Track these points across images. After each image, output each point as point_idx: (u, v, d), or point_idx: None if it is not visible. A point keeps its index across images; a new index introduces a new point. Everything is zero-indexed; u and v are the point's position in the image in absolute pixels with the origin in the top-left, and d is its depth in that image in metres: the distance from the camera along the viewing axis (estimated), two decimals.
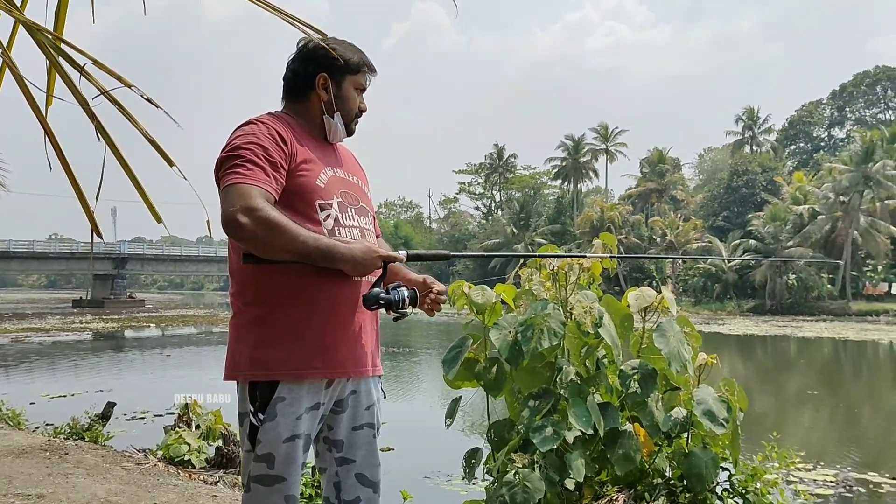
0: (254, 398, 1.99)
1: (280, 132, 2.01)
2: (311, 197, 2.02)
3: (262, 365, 1.98)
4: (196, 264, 72.57)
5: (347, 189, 2.16)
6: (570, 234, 57.98)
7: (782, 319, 40.77)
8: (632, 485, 3.31)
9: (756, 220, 49.78)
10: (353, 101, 2.17)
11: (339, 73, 2.14)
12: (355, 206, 2.16)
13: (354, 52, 2.17)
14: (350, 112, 2.18)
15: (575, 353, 3.37)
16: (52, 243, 67.43)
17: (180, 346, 27.15)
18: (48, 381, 15.50)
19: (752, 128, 65.73)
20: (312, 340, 2.00)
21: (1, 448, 5.21)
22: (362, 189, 2.25)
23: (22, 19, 1.26)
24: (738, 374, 17.60)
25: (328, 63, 2.12)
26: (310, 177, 2.04)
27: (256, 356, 1.99)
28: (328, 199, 2.06)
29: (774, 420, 11.44)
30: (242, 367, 2.01)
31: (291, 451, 1.98)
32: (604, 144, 66.53)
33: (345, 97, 2.16)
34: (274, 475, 1.97)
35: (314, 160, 2.07)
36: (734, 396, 3.25)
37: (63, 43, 1.22)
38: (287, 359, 1.98)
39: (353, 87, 2.16)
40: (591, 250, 3.61)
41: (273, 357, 1.98)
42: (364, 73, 2.18)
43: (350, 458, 2.15)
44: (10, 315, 43.20)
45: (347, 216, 2.10)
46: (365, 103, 2.22)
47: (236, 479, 5.26)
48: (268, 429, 1.97)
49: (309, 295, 1.99)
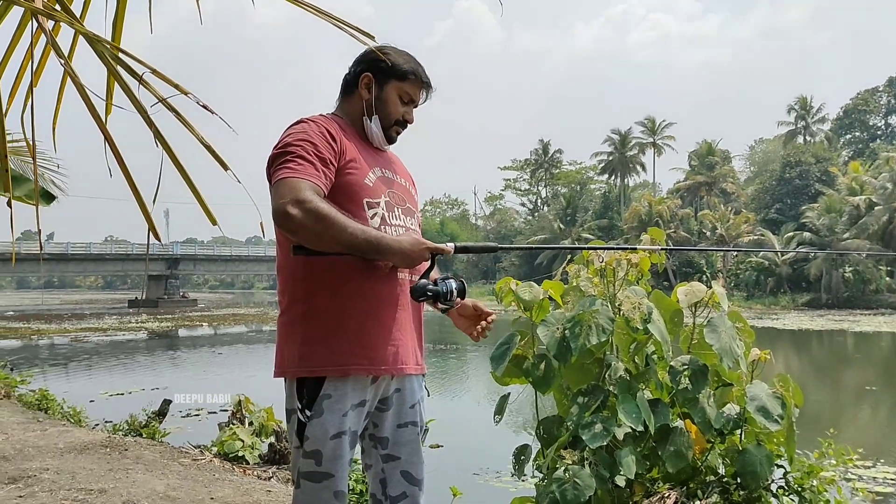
0: (301, 395, 2.02)
1: (330, 130, 2.04)
2: (359, 195, 2.05)
3: (308, 361, 2.02)
4: (246, 264, 73.75)
5: (395, 190, 2.18)
6: (618, 228, 57.33)
7: (839, 314, 39.72)
8: (684, 482, 3.28)
9: (810, 211, 48.53)
10: (393, 107, 2.17)
11: (383, 76, 2.15)
12: (402, 207, 2.18)
13: (407, 61, 2.17)
14: (389, 117, 2.17)
15: (624, 350, 3.35)
16: (107, 245, 69.29)
17: (232, 345, 27.65)
18: (106, 380, 15.94)
19: (806, 118, 64.08)
20: (356, 337, 2.03)
21: (64, 444, 5.39)
22: (409, 191, 2.27)
23: (82, 31, 1.31)
24: (793, 369, 17.21)
25: (375, 64, 2.14)
26: (358, 175, 2.06)
27: (303, 352, 2.02)
28: (376, 197, 2.09)
29: (831, 417, 11.17)
30: (290, 364, 2.05)
31: (338, 448, 2.01)
32: (651, 138, 65.59)
33: (385, 100, 2.16)
34: (322, 472, 2.00)
35: (362, 160, 2.10)
36: (789, 392, 3.19)
37: (121, 52, 1.26)
38: (332, 354, 2.01)
39: (398, 94, 2.16)
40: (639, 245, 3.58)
41: (319, 353, 2.01)
42: (412, 82, 2.17)
43: (395, 456, 2.18)
44: (70, 315, 44.51)
45: (394, 216, 2.12)
46: (412, 115, 2.22)
47: (289, 475, 5.35)
48: (315, 426, 2.00)
49: (352, 291, 2.02)
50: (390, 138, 2.21)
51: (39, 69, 1.61)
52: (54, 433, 5.89)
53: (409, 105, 2.20)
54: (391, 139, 2.22)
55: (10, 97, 1.74)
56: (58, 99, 1.68)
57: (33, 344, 25.85)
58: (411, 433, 2.20)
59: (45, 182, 6.84)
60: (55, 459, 4.87)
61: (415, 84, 2.18)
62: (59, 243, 60.39)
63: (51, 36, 1.30)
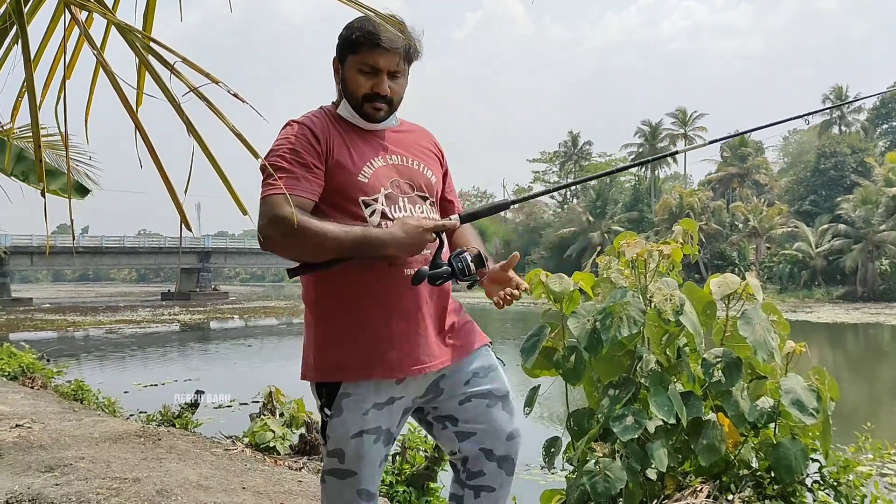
0: (321, 394, 1.99)
1: (314, 130, 1.93)
2: (353, 194, 1.94)
3: (322, 367, 1.98)
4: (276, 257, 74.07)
5: (400, 177, 2.02)
6: (648, 221, 56.83)
7: (875, 307, 39.02)
8: (717, 476, 3.24)
9: (846, 203, 47.63)
10: (353, 85, 1.95)
11: (342, 54, 1.98)
12: (408, 196, 2.01)
13: (358, 28, 1.93)
14: (353, 96, 1.97)
15: (655, 342, 3.31)
16: (141, 238, 70.52)
17: (263, 337, 27.92)
18: (140, 371, 16.21)
19: (841, 108, 62.93)
20: (364, 342, 1.94)
21: (99, 434, 5.48)
22: (422, 173, 2.09)
23: (114, 21, 1.32)
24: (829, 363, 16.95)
25: (338, 45, 1.99)
26: (351, 173, 1.94)
27: (317, 358, 1.99)
28: (373, 193, 1.95)
29: (868, 410, 10.98)
30: (308, 369, 2.02)
31: (360, 447, 1.94)
32: (682, 129, 64.91)
33: (345, 80, 1.98)
34: (345, 469, 1.96)
35: (356, 154, 1.97)
36: (824, 386, 3.13)
37: (153, 42, 1.27)
38: (343, 361, 1.95)
39: (357, 68, 1.94)
40: (670, 237, 3.54)
41: (331, 358, 1.97)
42: (366, 48, 1.91)
43: (468, 433, 2.06)
44: (104, 308, 45.30)
45: (397, 207, 1.98)
46: (384, 85, 1.95)
47: (319, 465, 5.38)
48: (335, 425, 1.96)
49: (355, 294, 1.94)
50: (369, 116, 1.98)
51: (73, 61, 1.62)
52: (89, 423, 5.99)
53: (375, 76, 1.94)
54: (371, 117, 1.99)
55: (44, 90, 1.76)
56: (90, 91, 1.70)
57: (69, 336, 26.36)
58: (479, 406, 2.06)
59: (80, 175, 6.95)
60: (90, 449, 4.95)
61: (370, 50, 1.91)
62: (94, 237, 61.49)
63: (83, 27, 1.31)
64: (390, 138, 2.07)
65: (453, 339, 2.07)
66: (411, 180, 2.05)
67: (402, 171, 2.04)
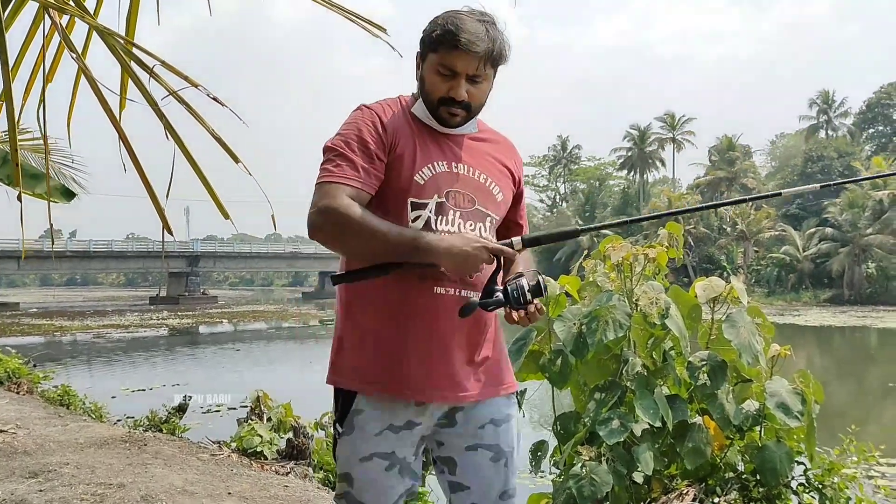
0: (336, 405, 1.85)
1: (382, 119, 1.81)
2: (403, 194, 1.78)
3: (338, 366, 1.86)
4: (265, 261, 74.17)
5: (461, 187, 1.84)
6: (637, 224, 57.01)
7: (862, 310, 39.26)
8: (702, 479, 3.25)
9: (833, 207, 47.96)
10: (430, 85, 1.80)
11: (423, 50, 1.82)
12: (463, 210, 1.82)
13: (445, 24, 1.75)
14: (428, 97, 1.82)
15: (641, 345, 3.33)
16: (129, 242, 70.08)
17: (252, 341, 27.83)
18: (128, 376, 16.12)
19: (828, 112, 63.34)
20: (385, 355, 1.79)
21: (84, 439, 5.44)
22: (488, 189, 1.88)
23: (95, 25, 1.31)
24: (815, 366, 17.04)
25: (420, 40, 1.83)
26: (407, 172, 1.78)
27: (336, 358, 1.87)
28: (423, 198, 1.78)
29: (854, 414, 11.04)
30: (329, 371, 1.89)
31: (370, 473, 1.78)
32: (671, 133, 65.19)
33: (423, 79, 1.82)
34: (354, 497, 1.80)
35: (420, 152, 1.81)
36: (809, 389, 3.15)
37: (133, 46, 1.26)
38: (361, 369, 1.81)
39: (435, 67, 1.77)
40: (656, 240, 3.55)
41: (348, 361, 1.84)
42: (446, 49, 1.75)
43: (463, 485, 1.87)
44: (92, 312, 45.04)
45: (445, 220, 1.80)
46: (460, 90, 1.78)
47: (307, 471, 5.36)
48: (344, 444, 1.81)
49: (383, 304, 1.79)
50: (443, 120, 1.83)
51: (54, 66, 1.62)
52: (75, 428, 5.96)
53: (452, 78, 1.77)
54: (445, 122, 1.83)
55: (26, 94, 1.75)
56: (72, 95, 1.69)
57: (56, 340, 26.18)
58: (482, 458, 1.86)
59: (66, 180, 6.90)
60: (75, 454, 4.92)
61: (449, 50, 1.74)
62: (82, 240, 61.12)
63: (63, 31, 1.30)
64: (464, 145, 1.90)
65: (484, 375, 1.88)
66: (473, 194, 1.86)
67: (466, 182, 1.85)
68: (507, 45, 1.82)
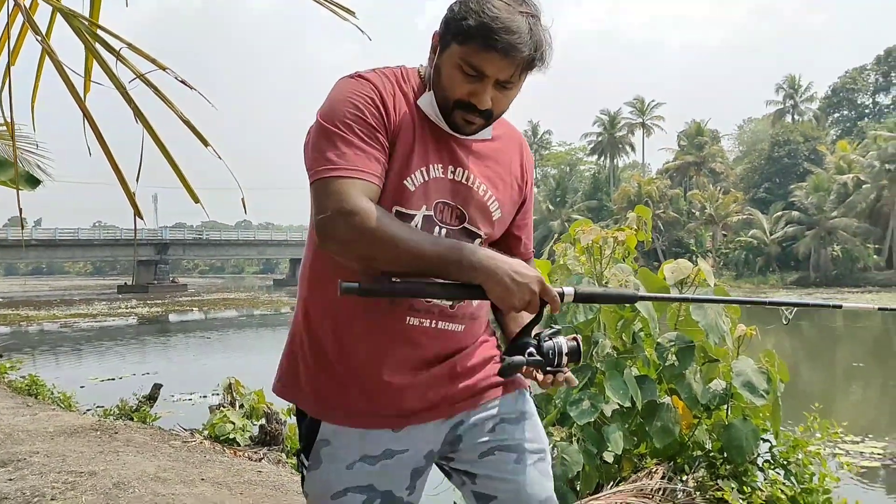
0: (300, 434, 1.58)
1: (383, 95, 1.47)
2: (387, 201, 1.45)
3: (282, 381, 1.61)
4: (235, 248, 73.56)
5: (452, 199, 1.52)
6: (608, 209, 57.40)
7: (827, 292, 40.03)
8: (671, 457, 3.31)
9: (799, 190, 48.81)
10: (448, 81, 1.44)
11: (447, 34, 1.44)
12: (449, 227, 1.51)
13: (475, 13, 1.38)
14: (443, 95, 1.46)
15: (611, 327, 3.37)
16: (96, 231, 69.06)
17: (223, 329, 27.64)
18: (97, 365, 15.92)
19: (794, 97, 64.29)
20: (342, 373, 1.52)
21: (54, 428, 5.39)
22: (484, 203, 1.55)
23: (58, 6, 1.30)
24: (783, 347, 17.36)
25: (445, 19, 1.46)
26: (398, 174, 1.46)
27: (281, 367, 1.62)
28: (411, 208, 1.47)
29: (819, 393, 11.29)
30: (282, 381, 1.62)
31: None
32: (640, 118, 65.71)
33: (439, 70, 1.46)
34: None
35: (415, 152, 1.48)
36: (774, 368, 3.22)
37: (99, 28, 1.25)
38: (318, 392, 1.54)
39: (457, 62, 1.41)
40: (625, 224, 3.59)
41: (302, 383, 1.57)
42: (477, 46, 1.38)
43: (489, 495, 1.58)
44: (59, 301, 44.37)
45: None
46: (484, 98, 1.43)
47: (280, 456, 5.37)
48: (313, 479, 1.53)
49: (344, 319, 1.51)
50: (457, 127, 1.49)
51: (17, 48, 1.59)
52: (44, 417, 5.89)
53: (478, 81, 1.42)
54: (459, 128, 1.49)
55: None
56: (36, 78, 1.67)
57: (22, 330, 25.78)
58: (502, 460, 1.58)
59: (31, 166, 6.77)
60: (45, 443, 4.87)
61: (481, 49, 1.38)
62: (47, 229, 60.17)
63: (27, 12, 1.28)
64: (470, 148, 1.56)
65: (478, 377, 1.61)
66: (464, 208, 1.53)
67: (460, 194, 1.53)
68: (550, 47, 1.46)
